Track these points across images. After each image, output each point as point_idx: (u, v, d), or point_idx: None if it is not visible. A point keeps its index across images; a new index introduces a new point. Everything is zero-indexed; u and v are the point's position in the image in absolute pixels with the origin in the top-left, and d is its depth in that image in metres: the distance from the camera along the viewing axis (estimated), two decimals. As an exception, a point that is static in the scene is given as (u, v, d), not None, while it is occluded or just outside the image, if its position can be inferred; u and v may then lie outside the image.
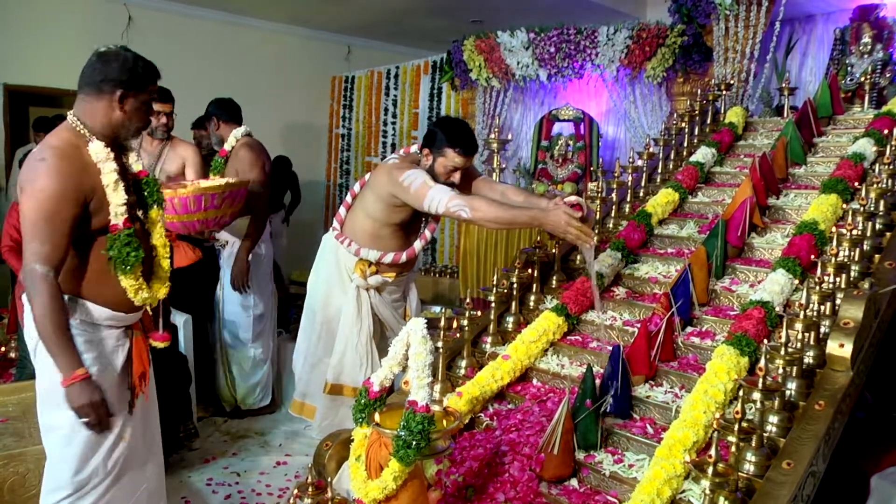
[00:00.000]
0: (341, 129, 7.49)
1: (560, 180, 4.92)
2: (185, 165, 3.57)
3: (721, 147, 3.45)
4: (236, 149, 3.64)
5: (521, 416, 2.15)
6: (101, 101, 1.91)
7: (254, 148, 3.66)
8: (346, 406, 2.90)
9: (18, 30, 5.71)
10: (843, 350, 1.87)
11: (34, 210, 1.81)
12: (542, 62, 4.92)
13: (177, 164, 3.55)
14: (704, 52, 4.47)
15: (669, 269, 2.72)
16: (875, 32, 3.73)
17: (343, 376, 2.92)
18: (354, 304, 2.91)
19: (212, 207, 3.15)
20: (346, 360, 2.92)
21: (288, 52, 7.27)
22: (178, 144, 3.62)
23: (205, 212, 3.15)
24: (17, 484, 2.31)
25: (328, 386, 2.93)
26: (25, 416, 2.70)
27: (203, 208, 3.13)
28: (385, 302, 2.99)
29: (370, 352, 2.92)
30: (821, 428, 1.73)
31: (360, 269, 2.89)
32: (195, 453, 3.36)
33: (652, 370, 2.18)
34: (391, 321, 3.00)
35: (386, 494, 1.61)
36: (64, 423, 1.93)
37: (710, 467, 1.55)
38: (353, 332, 2.92)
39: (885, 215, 2.51)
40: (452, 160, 2.66)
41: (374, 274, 2.90)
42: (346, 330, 2.93)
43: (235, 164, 3.62)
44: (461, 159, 2.66)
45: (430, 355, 1.65)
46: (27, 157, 1.92)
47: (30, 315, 1.87)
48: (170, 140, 3.60)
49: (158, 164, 3.50)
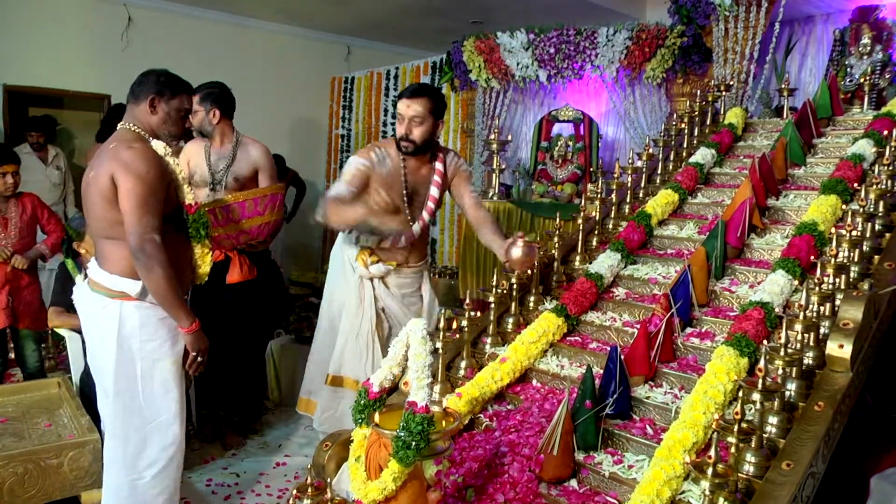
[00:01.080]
0: (341, 130, 7.49)
1: (560, 181, 4.92)
2: (258, 171, 3.32)
3: (721, 148, 3.46)
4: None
5: (520, 416, 2.15)
6: (139, 106, 2.27)
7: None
8: (347, 399, 2.92)
9: (18, 30, 5.71)
10: (842, 351, 1.87)
11: (143, 188, 2.11)
12: (542, 63, 4.93)
13: (248, 168, 3.30)
14: (704, 53, 4.47)
15: (669, 270, 2.72)
16: (874, 33, 3.73)
17: (344, 368, 2.93)
18: (356, 294, 2.93)
19: (256, 214, 3.11)
20: (347, 352, 2.93)
21: (288, 53, 7.27)
22: (251, 145, 3.34)
23: (249, 219, 3.11)
24: (16, 484, 2.30)
25: (329, 378, 2.95)
26: (25, 417, 2.70)
27: (247, 216, 3.09)
28: (393, 296, 2.98)
29: (371, 343, 2.92)
30: (820, 429, 1.73)
31: (361, 259, 2.92)
32: (195, 454, 3.35)
33: (651, 371, 2.18)
34: (401, 317, 2.98)
35: (385, 495, 1.61)
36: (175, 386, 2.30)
37: (709, 468, 1.55)
38: (354, 324, 2.93)
39: (885, 216, 2.51)
40: (398, 110, 2.76)
41: (377, 263, 2.91)
42: (348, 321, 2.94)
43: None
44: (401, 103, 2.73)
45: (429, 356, 1.65)
46: (109, 150, 2.17)
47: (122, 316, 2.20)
48: (238, 141, 3.35)
49: (230, 166, 3.29)
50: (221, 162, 3.30)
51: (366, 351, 2.92)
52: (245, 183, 3.29)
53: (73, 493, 2.43)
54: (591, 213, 3.15)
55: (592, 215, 3.15)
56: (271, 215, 3.19)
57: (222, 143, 3.32)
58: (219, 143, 3.32)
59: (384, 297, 2.97)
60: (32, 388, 3.00)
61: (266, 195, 3.17)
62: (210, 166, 3.30)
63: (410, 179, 2.83)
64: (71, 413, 2.72)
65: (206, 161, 3.31)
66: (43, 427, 2.61)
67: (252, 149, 3.34)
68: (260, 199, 3.11)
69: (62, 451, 2.39)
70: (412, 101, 2.68)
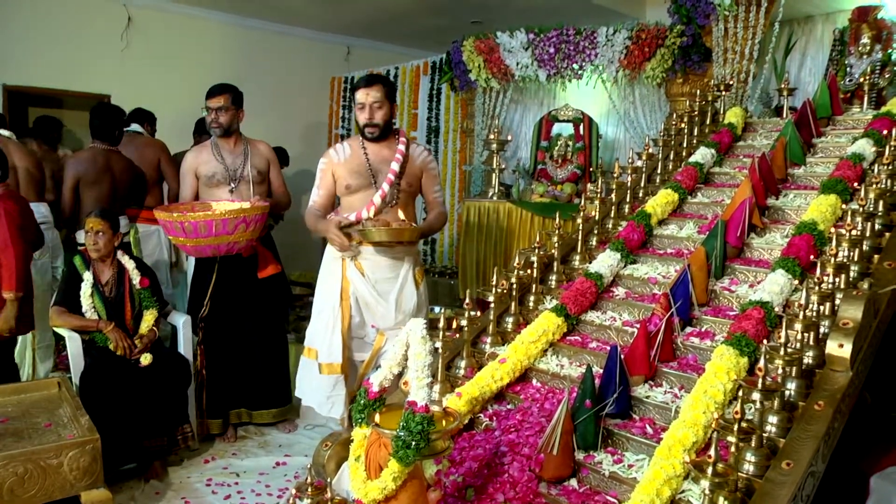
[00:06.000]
0: (341, 130, 7.49)
1: (559, 181, 4.92)
2: (269, 165, 3.65)
3: (720, 148, 3.46)
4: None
5: (520, 416, 2.15)
6: None
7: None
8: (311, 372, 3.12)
9: (18, 30, 5.71)
10: (842, 350, 1.87)
11: None
12: (542, 63, 4.93)
13: (264, 163, 3.62)
14: (704, 53, 4.47)
15: (669, 270, 2.73)
16: (874, 33, 3.73)
17: (313, 341, 3.11)
18: (328, 273, 3.08)
19: (224, 233, 3.14)
20: (315, 325, 3.10)
21: (288, 53, 7.27)
22: (259, 144, 3.67)
23: (216, 237, 3.13)
24: (16, 484, 2.30)
25: (305, 349, 3.16)
26: (25, 417, 2.70)
27: (214, 233, 3.12)
28: (367, 280, 3.00)
29: (333, 322, 3.01)
30: (820, 428, 1.73)
31: None
32: (195, 453, 3.36)
33: (651, 370, 2.18)
34: (372, 304, 3.01)
35: (385, 495, 1.61)
36: None
37: (709, 467, 1.55)
38: (322, 298, 3.09)
39: (885, 215, 2.51)
40: (357, 99, 2.97)
41: None
42: (319, 297, 3.11)
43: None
44: (359, 93, 2.95)
45: (429, 356, 1.65)
46: None
47: None
48: (246, 140, 3.63)
49: (246, 162, 3.54)
50: (238, 160, 3.54)
51: (329, 326, 3.03)
52: (265, 176, 3.62)
53: (73, 493, 2.43)
54: (590, 212, 3.16)
55: (592, 215, 3.15)
56: (241, 235, 3.22)
57: (236, 143, 3.58)
58: (233, 144, 3.57)
59: (355, 280, 3.01)
60: (32, 388, 2.99)
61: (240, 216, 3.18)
62: (227, 166, 3.51)
63: (373, 161, 3.04)
64: (71, 413, 2.72)
65: (220, 161, 3.52)
66: (43, 427, 2.61)
67: (260, 146, 3.67)
68: (230, 220, 3.13)
69: (62, 450, 2.39)
70: (370, 89, 2.93)
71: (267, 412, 3.67)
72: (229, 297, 3.53)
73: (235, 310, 3.56)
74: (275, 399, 3.69)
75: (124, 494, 2.93)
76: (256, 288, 3.56)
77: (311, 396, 3.15)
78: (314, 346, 3.10)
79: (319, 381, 3.06)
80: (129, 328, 3.23)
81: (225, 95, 3.49)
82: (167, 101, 5.87)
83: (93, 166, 3.85)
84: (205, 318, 3.50)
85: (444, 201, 3.26)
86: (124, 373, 3.05)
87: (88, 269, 3.23)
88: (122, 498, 2.89)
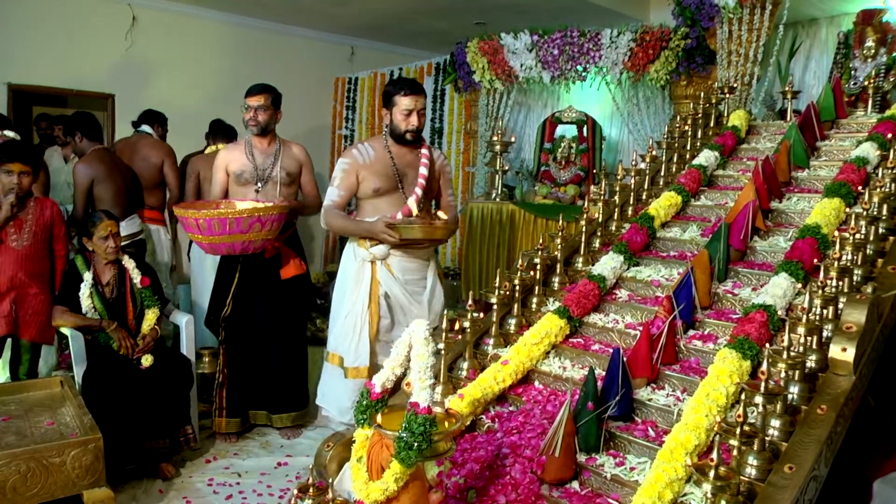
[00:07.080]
0: (344, 131, 7.50)
1: (562, 182, 4.92)
2: (301, 167, 3.63)
3: (724, 150, 3.45)
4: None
5: (522, 418, 2.15)
6: None
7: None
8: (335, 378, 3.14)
9: (22, 29, 5.72)
10: (845, 354, 1.87)
11: None
12: (546, 64, 4.93)
13: (294, 165, 3.59)
14: (708, 56, 4.47)
15: (672, 273, 2.72)
16: (879, 36, 3.73)
17: (338, 347, 3.12)
18: (355, 276, 3.09)
19: (237, 231, 3.10)
20: (339, 330, 3.11)
21: (291, 54, 7.28)
22: (294, 146, 3.64)
23: (230, 235, 3.09)
24: (19, 483, 2.30)
25: (328, 354, 3.16)
26: (27, 415, 2.70)
27: (228, 231, 3.07)
28: (397, 280, 3.08)
29: (360, 325, 3.04)
30: (823, 432, 1.73)
31: (362, 243, 3.11)
32: (196, 453, 3.36)
33: (654, 373, 2.18)
34: (405, 304, 3.10)
35: (387, 496, 1.61)
36: None
37: (711, 471, 1.55)
38: (348, 304, 3.10)
39: (888, 219, 2.50)
40: (403, 105, 2.99)
41: (376, 245, 3.07)
42: (345, 302, 3.12)
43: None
44: (408, 99, 2.98)
45: (431, 357, 1.65)
46: None
47: None
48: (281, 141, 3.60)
49: (277, 162, 3.52)
50: (268, 160, 3.53)
51: (354, 331, 3.05)
52: (295, 178, 3.60)
53: (75, 492, 2.43)
54: (593, 214, 3.15)
55: (595, 217, 3.15)
56: (256, 235, 3.18)
57: (269, 144, 3.56)
58: (266, 143, 3.55)
59: (386, 280, 3.07)
60: (35, 387, 3.00)
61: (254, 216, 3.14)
62: (256, 165, 3.51)
63: (399, 164, 3.10)
64: (73, 412, 2.72)
65: (251, 160, 3.51)
66: (45, 425, 2.61)
67: (294, 148, 3.64)
68: (244, 219, 3.09)
69: (65, 449, 2.39)
70: (419, 96, 3.01)
71: (287, 416, 3.62)
72: (252, 297, 3.50)
73: (258, 310, 3.53)
74: (294, 402, 3.64)
75: (126, 494, 2.93)
76: (279, 289, 3.54)
77: (333, 403, 3.15)
78: (338, 351, 3.09)
79: (344, 387, 3.08)
80: (131, 328, 3.24)
81: (265, 94, 3.48)
82: (171, 100, 5.87)
83: (103, 165, 4.01)
84: (227, 318, 3.49)
85: (456, 205, 3.30)
86: (126, 374, 3.05)
87: (89, 270, 3.23)
88: (124, 497, 2.89)
